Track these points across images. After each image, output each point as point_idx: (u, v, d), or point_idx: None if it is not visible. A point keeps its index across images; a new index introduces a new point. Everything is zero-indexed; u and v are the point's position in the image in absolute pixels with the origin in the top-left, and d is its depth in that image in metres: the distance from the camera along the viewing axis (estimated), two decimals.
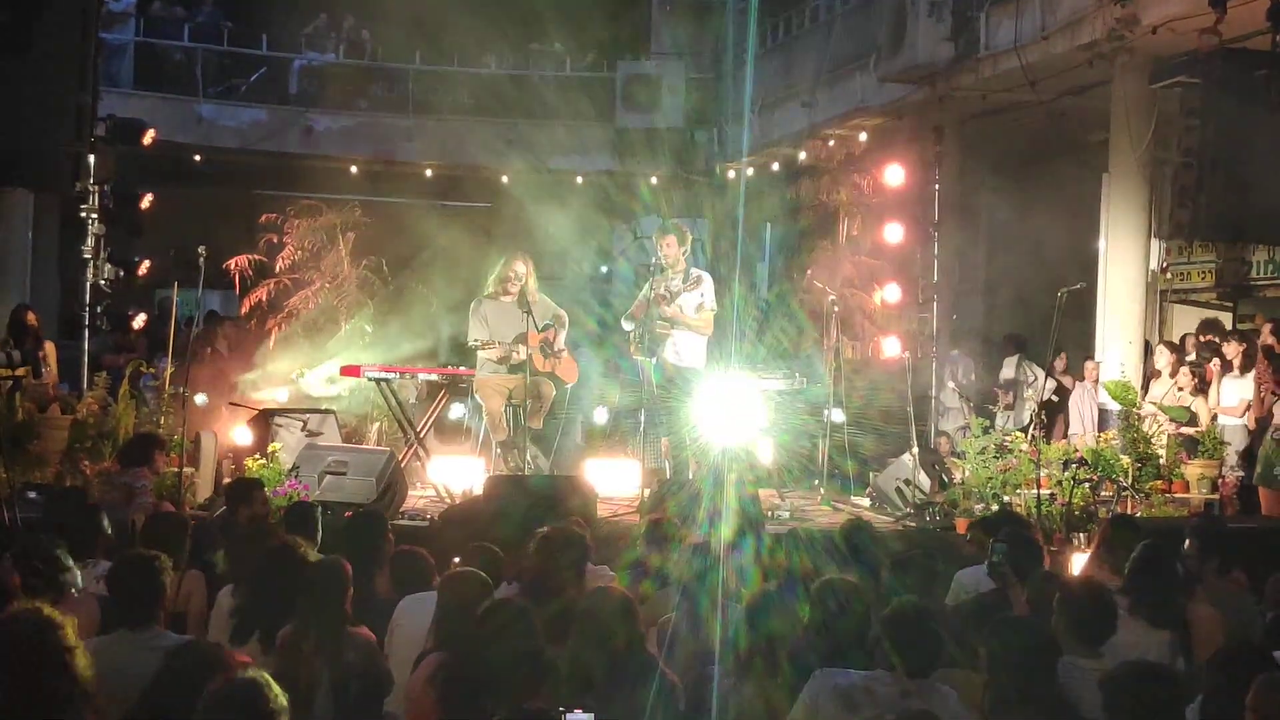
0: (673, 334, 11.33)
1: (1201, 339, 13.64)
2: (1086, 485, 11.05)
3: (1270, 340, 12.38)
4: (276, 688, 4.01)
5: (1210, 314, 14.95)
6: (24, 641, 4.14)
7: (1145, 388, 13.14)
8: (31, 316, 13.20)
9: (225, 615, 6.37)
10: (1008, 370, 15.51)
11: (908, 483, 11.99)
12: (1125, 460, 11.58)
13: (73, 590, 5.93)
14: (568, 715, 4.62)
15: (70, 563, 5.95)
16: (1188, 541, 7.63)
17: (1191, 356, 13.45)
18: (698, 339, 11.49)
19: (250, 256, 13.85)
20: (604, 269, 11.77)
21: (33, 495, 10.01)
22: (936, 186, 14.34)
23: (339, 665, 5.62)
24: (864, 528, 7.96)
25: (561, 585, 6.20)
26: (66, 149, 9.72)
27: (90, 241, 12.60)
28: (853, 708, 4.96)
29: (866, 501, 12.51)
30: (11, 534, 8.18)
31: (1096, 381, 13.96)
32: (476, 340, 11.64)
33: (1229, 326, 14.61)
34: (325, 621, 5.67)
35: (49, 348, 13.06)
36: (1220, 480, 12.31)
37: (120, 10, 20.81)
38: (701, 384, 11.85)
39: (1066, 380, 15.33)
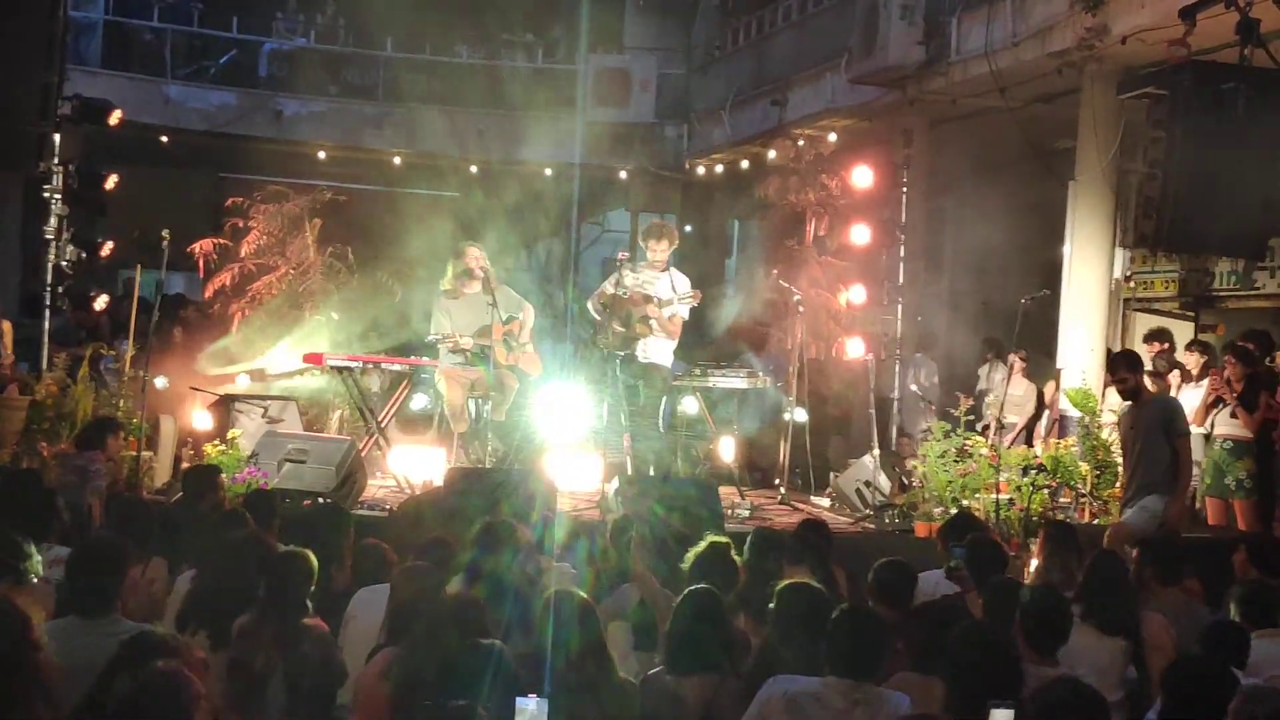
0: (649, 336, 11.42)
1: (1153, 346, 13.65)
2: (1045, 491, 11.13)
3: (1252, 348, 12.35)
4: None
5: (1161, 322, 14.99)
6: None
7: (1103, 395, 13.19)
8: None
9: (178, 602, 6.34)
10: (984, 374, 15.58)
11: (868, 484, 12.04)
12: (1084, 467, 11.65)
13: (32, 577, 5.87)
14: (520, 700, 4.61)
15: (31, 549, 5.89)
16: (1134, 551, 7.70)
17: (1149, 366, 13.48)
18: (666, 340, 11.57)
19: (215, 240, 13.76)
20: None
21: None
22: (904, 189, 14.35)
23: (294, 656, 5.60)
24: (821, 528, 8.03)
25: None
26: (31, 128, 9.61)
27: (53, 222, 12.48)
28: (801, 715, 4.96)
29: (826, 502, 12.54)
30: None
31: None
32: (437, 334, 11.64)
33: (1189, 335, 14.67)
34: (284, 612, 5.65)
35: (5, 327, 12.94)
36: None
37: None
38: (666, 380, 11.92)
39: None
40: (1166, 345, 13.51)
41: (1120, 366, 9.73)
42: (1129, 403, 9.74)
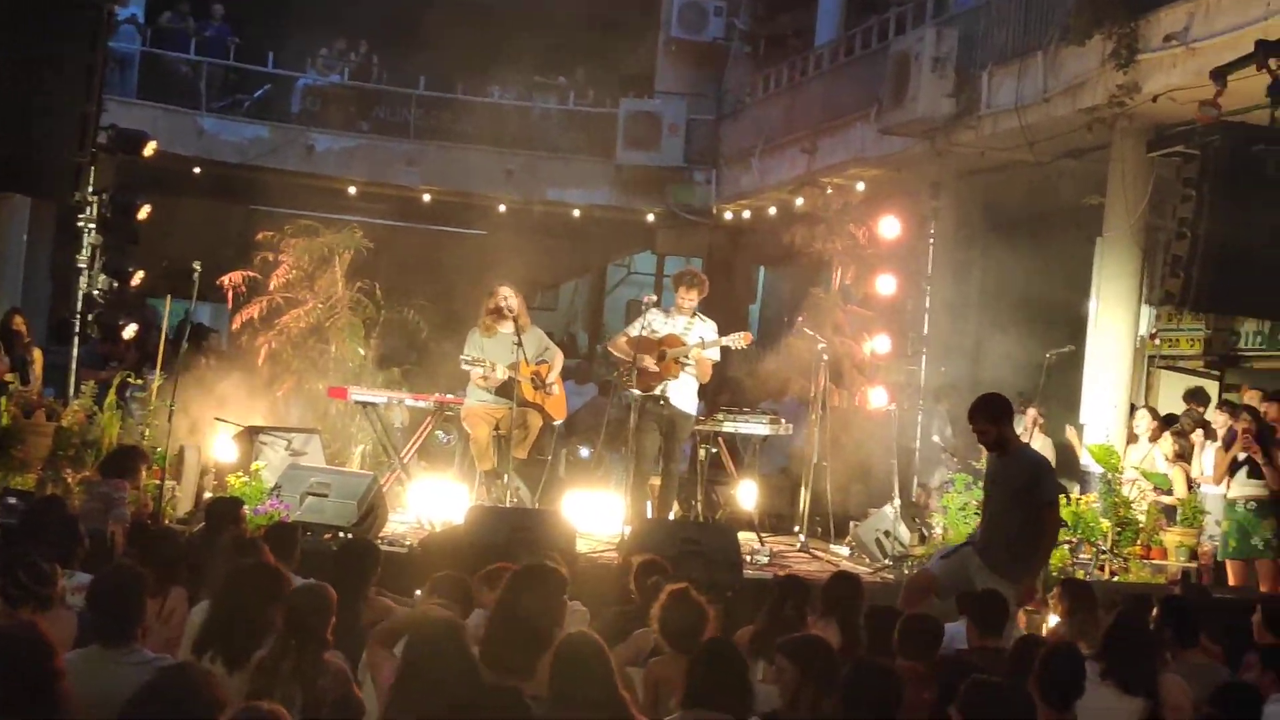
0: (680, 376, 11.45)
1: (1189, 408, 13.67)
2: (1065, 546, 11.09)
3: (1268, 411, 12.30)
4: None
5: (1195, 382, 15.00)
6: (14, 662, 4.09)
7: (1125, 452, 13.16)
8: (19, 321, 13.15)
9: (194, 630, 6.35)
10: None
11: (888, 534, 12.03)
12: (1105, 524, 11.62)
13: (59, 604, 5.91)
14: None
15: (57, 576, 5.92)
16: (1155, 610, 7.67)
17: (1176, 425, 13.47)
18: (693, 382, 11.59)
19: (245, 273, 13.85)
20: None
21: (13, 501, 9.99)
22: (931, 241, 14.38)
23: (312, 690, 5.60)
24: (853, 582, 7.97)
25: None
26: (69, 158, 9.71)
27: (86, 251, 12.58)
28: None
29: (846, 550, 12.52)
30: None
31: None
32: (468, 356, 11.63)
33: (1214, 395, 14.65)
34: (304, 646, 5.66)
35: (36, 354, 13.02)
36: (1198, 549, 12.33)
37: (122, 18, 20.73)
38: (690, 424, 11.93)
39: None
40: (1198, 406, 13.51)
41: (977, 416, 8.40)
42: (994, 453, 8.53)
